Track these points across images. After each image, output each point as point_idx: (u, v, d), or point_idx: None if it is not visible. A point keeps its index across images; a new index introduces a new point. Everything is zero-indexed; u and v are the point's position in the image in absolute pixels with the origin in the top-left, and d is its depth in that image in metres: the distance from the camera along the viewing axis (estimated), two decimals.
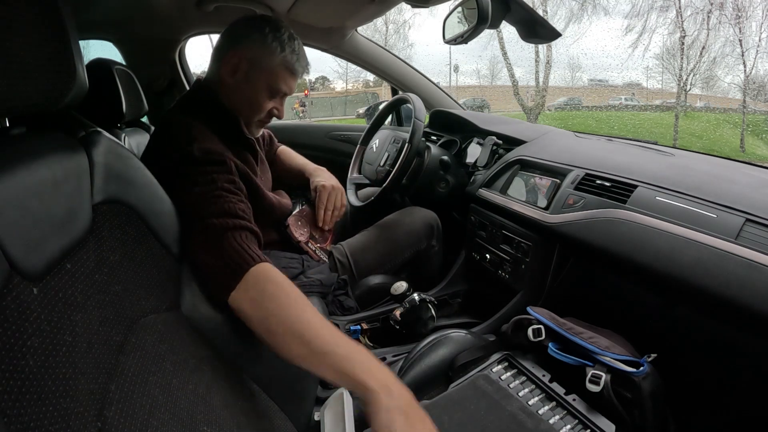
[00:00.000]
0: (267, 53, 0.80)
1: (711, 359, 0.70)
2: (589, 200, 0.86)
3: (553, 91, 8.31)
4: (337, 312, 1.03)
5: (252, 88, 0.82)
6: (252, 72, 0.81)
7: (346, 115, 10.61)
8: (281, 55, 0.81)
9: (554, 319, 0.74)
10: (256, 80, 0.82)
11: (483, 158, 1.22)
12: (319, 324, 0.54)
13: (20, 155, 0.38)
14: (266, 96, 0.84)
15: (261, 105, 0.84)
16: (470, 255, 1.22)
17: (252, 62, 0.81)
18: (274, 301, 0.55)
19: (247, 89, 0.82)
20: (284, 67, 0.82)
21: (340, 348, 0.52)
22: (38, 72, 0.38)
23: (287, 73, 0.83)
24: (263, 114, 0.86)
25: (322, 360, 0.52)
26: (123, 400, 0.39)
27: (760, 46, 6.32)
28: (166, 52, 1.61)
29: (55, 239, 0.37)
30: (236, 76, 0.82)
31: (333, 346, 0.52)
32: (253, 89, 0.83)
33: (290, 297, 0.56)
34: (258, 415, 0.54)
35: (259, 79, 0.82)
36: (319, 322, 0.55)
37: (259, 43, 0.80)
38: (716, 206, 0.70)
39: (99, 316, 0.40)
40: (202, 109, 0.82)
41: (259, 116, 0.86)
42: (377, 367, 0.52)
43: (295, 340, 0.53)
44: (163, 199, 0.54)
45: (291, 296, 0.56)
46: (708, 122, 6.67)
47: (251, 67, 0.81)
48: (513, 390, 0.68)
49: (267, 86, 0.83)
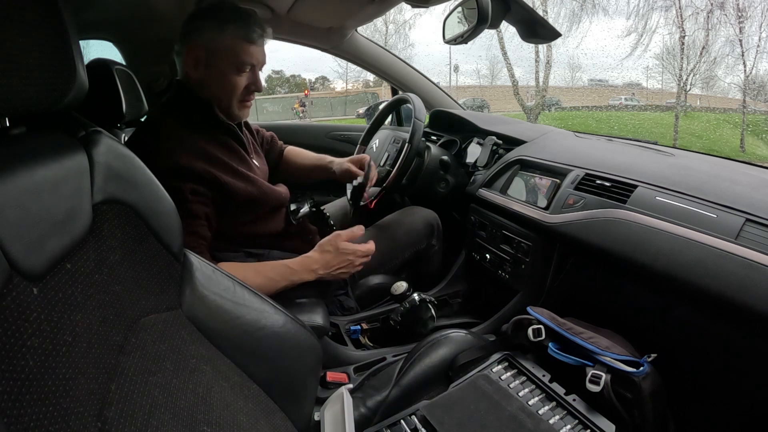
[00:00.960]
0: (216, 33, 0.81)
1: (711, 359, 0.70)
2: (589, 200, 0.86)
3: (553, 91, 8.31)
4: (337, 312, 1.03)
5: (218, 72, 0.83)
6: (211, 57, 0.82)
7: (346, 115, 10.62)
8: (230, 29, 0.81)
9: (554, 319, 0.74)
10: (218, 63, 0.83)
11: (483, 158, 1.22)
12: (263, 266, 0.83)
13: (20, 155, 0.38)
14: (234, 74, 0.84)
15: (233, 84, 0.84)
16: (470, 255, 1.22)
17: (207, 49, 0.82)
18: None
19: (215, 75, 0.83)
20: (238, 39, 0.82)
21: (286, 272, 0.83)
22: (38, 72, 0.38)
23: (243, 43, 0.83)
24: (239, 91, 0.86)
25: (280, 282, 0.82)
26: (123, 400, 0.39)
27: (760, 46, 6.33)
28: (166, 52, 1.60)
29: (55, 239, 0.37)
30: (199, 67, 0.83)
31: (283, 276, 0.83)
32: (220, 72, 0.83)
33: (239, 270, 0.78)
34: (258, 415, 0.54)
35: (220, 61, 0.83)
36: (263, 266, 0.84)
37: (206, 29, 0.81)
38: (716, 206, 0.70)
39: (99, 316, 0.40)
40: (182, 107, 0.84)
41: (236, 96, 0.86)
42: (302, 258, 0.86)
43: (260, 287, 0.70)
44: (163, 199, 0.54)
45: (240, 270, 0.79)
46: (708, 122, 6.67)
47: (209, 54, 0.82)
48: (513, 390, 0.68)
49: (230, 64, 0.83)
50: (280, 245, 0.95)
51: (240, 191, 0.83)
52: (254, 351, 0.59)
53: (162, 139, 0.78)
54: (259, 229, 0.90)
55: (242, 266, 0.82)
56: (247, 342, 0.58)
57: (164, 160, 0.75)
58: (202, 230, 0.79)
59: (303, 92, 11.08)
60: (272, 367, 0.60)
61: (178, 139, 0.78)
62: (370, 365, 0.87)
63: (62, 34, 0.39)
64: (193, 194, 0.78)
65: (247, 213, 0.87)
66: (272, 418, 0.56)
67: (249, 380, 0.56)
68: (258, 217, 0.90)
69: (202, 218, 0.79)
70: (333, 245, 0.88)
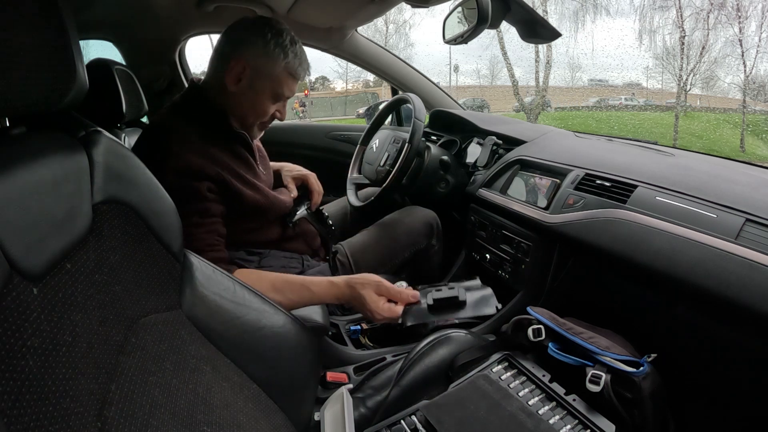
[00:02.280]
0: (271, 60, 0.81)
1: (711, 359, 0.70)
2: (589, 200, 0.86)
3: (553, 91, 8.31)
4: (337, 312, 1.03)
5: (256, 94, 0.84)
6: (256, 80, 0.82)
7: (346, 115, 10.61)
8: (284, 62, 0.82)
9: (554, 319, 0.74)
10: (261, 88, 0.83)
11: (483, 158, 1.22)
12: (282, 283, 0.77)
13: (20, 155, 0.38)
14: (270, 102, 0.85)
15: (265, 110, 0.86)
16: (470, 255, 1.22)
17: (256, 70, 0.82)
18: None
19: (251, 96, 0.84)
20: (287, 73, 0.84)
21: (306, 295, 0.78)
22: (38, 72, 0.38)
23: (290, 78, 0.84)
24: (267, 117, 0.87)
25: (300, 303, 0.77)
26: (123, 400, 0.39)
27: (760, 46, 6.33)
28: (166, 52, 1.61)
29: (55, 239, 0.37)
30: (240, 83, 0.83)
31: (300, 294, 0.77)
32: (257, 96, 0.84)
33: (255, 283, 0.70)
34: (258, 415, 0.54)
35: (263, 87, 0.83)
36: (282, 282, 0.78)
37: (262, 51, 0.81)
38: (716, 206, 0.70)
39: (99, 316, 0.40)
40: (192, 110, 0.84)
41: (263, 120, 0.87)
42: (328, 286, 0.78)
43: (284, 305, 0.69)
44: (163, 199, 0.54)
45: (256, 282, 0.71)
46: (708, 122, 6.66)
47: (255, 75, 0.82)
48: (513, 390, 0.68)
49: (271, 92, 0.84)
50: (280, 247, 0.95)
51: (248, 198, 0.84)
52: (254, 351, 0.59)
53: (174, 141, 0.77)
54: (260, 236, 0.91)
55: (260, 278, 0.78)
56: (247, 342, 0.58)
57: (178, 160, 0.75)
58: (220, 228, 0.80)
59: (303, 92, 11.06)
60: (272, 367, 0.60)
61: (189, 142, 0.78)
62: (370, 365, 0.87)
63: (62, 34, 0.39)
64: (209, 192, 0.78)
65: (252, 220, 0.88)
66: (272, 418, 0.56)
67: (249, 380, 0.56)
68: (261, 224, 0.90)
69: (219, 216, 0.80)
70: (371, 286, 0.78)
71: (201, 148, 0.79)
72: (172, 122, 0.82)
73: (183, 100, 0.87)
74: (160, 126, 0.84)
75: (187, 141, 0.78)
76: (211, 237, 0.78)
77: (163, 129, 0.82)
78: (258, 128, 0.89)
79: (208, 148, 0.80)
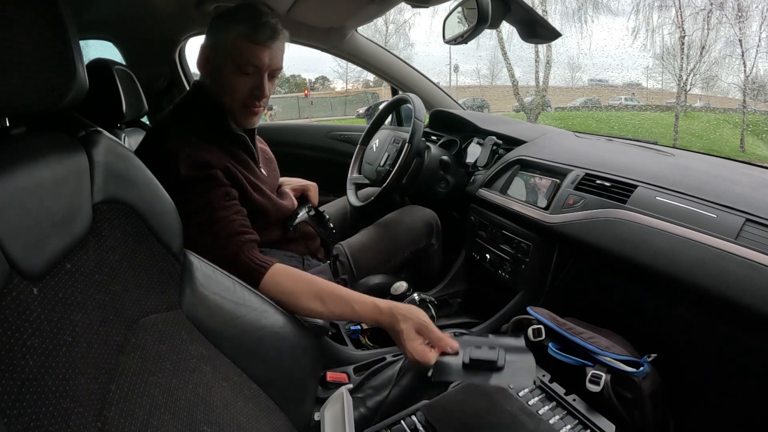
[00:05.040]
0: (222, 32, 0.80)
1: (711, 359, 0.70)
2: (589, 200, 0.86)
3: (553, 91, 8.31)
4: None
5: (221, 73, 0.82)
6: (216, 56, 0.82)
7: (346, 115, 10.61)
8: (236, 29, 0.79)
9: (554, 319, 0.74)
10: (222, 63, 0.81)
11: (483, 158, 1.22)
12: (328, 294, 0.72)
13: (20, 155, 0.38)
14: (235, 75, 0.81)
15: (234, 86, 0.81)
16: (470, 255, 1.22)
17: (214, 48, 0.82)
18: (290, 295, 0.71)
19: (218, 75, 0.82)
20: (243, 39, 0.79)
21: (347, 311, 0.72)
22: (38, 72, 0.38)
23: (248, 43, 0.79)
24: (242, 95, 0.82)
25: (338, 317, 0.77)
26: (123, 400, 0.39)
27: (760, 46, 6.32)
28: (166, 52, 1.61)
29: (55, 239, 0.37)
30: (208, 67, 0.83)
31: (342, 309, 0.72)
32: (222, 72, 0.81)
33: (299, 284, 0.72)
34: (258, 415, 0.54)
35: (224, 61, 0.81)
36: (328, 293, 0.72)
37: (217, 27, 0.81)
38: (716, 206, 0.70)
39: (99, 316, 0.40)
40: (194, 110, 0.83)
41: (238, 99, 0.83)
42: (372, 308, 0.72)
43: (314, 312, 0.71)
44: (163, 199, 0.54)
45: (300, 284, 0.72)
46: (708, 122, 6.66)
47: (214, 54, 0.82)
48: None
49: (232, 64, 0.80)
50: (280, 248, 0.95)
51: (255, 201, 0.84)
52: (254, 351, 0.59)
53: (178, 145, 0.76)
54: (260, 237, 0.91)
55: (310, 282, 0.73)
56: (247, 342, 0.58)
57: (188, 157, 0.74)
58: (244, 210, 0.79)
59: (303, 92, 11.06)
60: (272, 367, 0.60)
61: (194, 144, 0.77)
62: (370, 365, 0.87)
63: (62, 34, 0.39)
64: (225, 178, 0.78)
65: (253, 221, 0.87)
66: (272, 418, 0.57)
67: (249, 380, 0.56)
68: (261, 226, 0.90)
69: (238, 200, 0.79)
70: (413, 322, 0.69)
71: (207, 149, 0.78)
72: (172, 124, 0.82)
73: (183, 102, 0.86)
74: (162, 129, 0.83)
75: (191, 143, 0.77)
76: (241, 218, 0.77)
77: (164, 132, 0.81)
78: (241, 112, 0.84)
79: (212, 150, 0.79)
